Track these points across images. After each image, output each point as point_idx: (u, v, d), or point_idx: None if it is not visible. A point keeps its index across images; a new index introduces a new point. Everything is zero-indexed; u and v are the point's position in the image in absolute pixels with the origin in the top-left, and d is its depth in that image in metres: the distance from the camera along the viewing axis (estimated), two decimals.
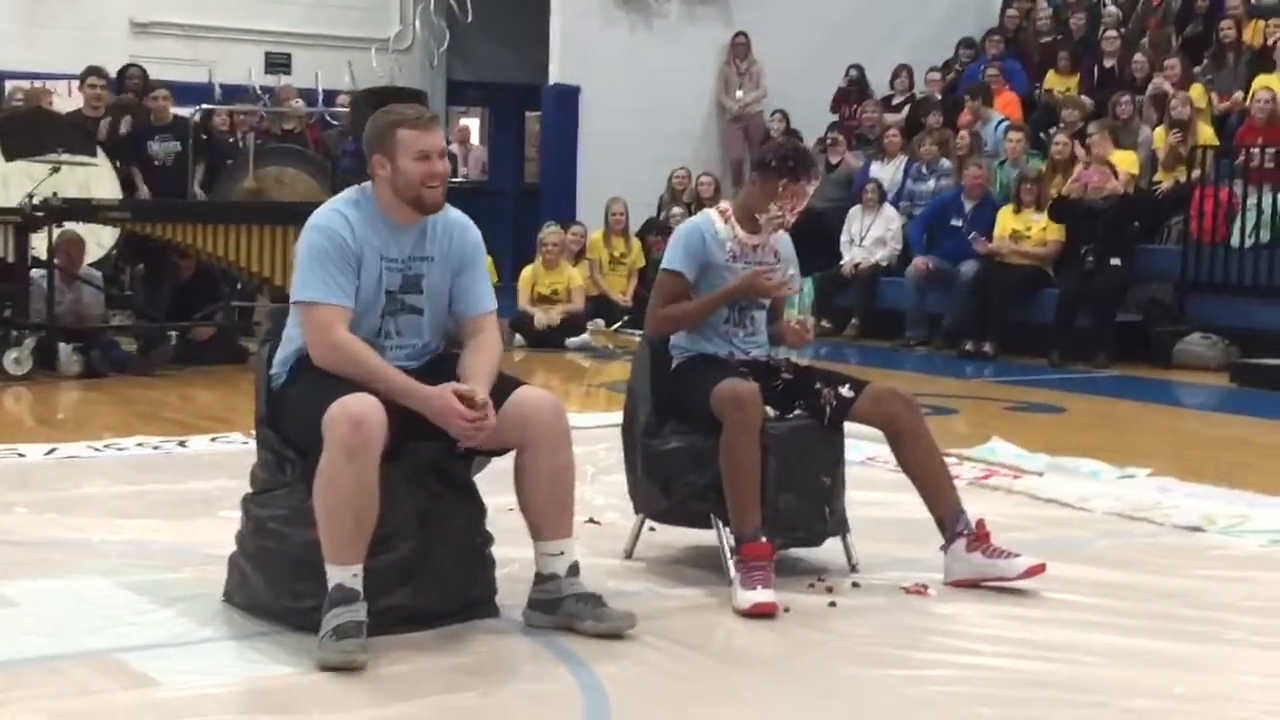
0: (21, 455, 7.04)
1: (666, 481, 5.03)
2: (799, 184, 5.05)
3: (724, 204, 5.27)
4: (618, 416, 5.43)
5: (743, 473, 4.73)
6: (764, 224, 5.09)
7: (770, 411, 4.89)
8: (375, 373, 4.17)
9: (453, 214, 4.50)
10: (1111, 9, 16.06)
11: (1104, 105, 13.91)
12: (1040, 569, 4.87)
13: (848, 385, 5.03)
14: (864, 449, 6.49)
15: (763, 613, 4.55)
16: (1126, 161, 12.71)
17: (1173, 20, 15.56)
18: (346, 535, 4.05)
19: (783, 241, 5.24)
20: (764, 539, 4.70)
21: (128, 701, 3.73)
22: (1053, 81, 15.36)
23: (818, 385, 5.05)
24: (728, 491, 4.75)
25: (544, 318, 12.65)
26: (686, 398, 4.97)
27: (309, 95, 14.49)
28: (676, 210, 14.57)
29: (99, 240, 10.88)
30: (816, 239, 13.74)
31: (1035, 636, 4.41)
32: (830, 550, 5.17)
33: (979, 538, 4.92)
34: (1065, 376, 11.19)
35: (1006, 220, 12.68)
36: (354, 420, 4.00)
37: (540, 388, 4.60)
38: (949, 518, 4.97)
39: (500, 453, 4.39)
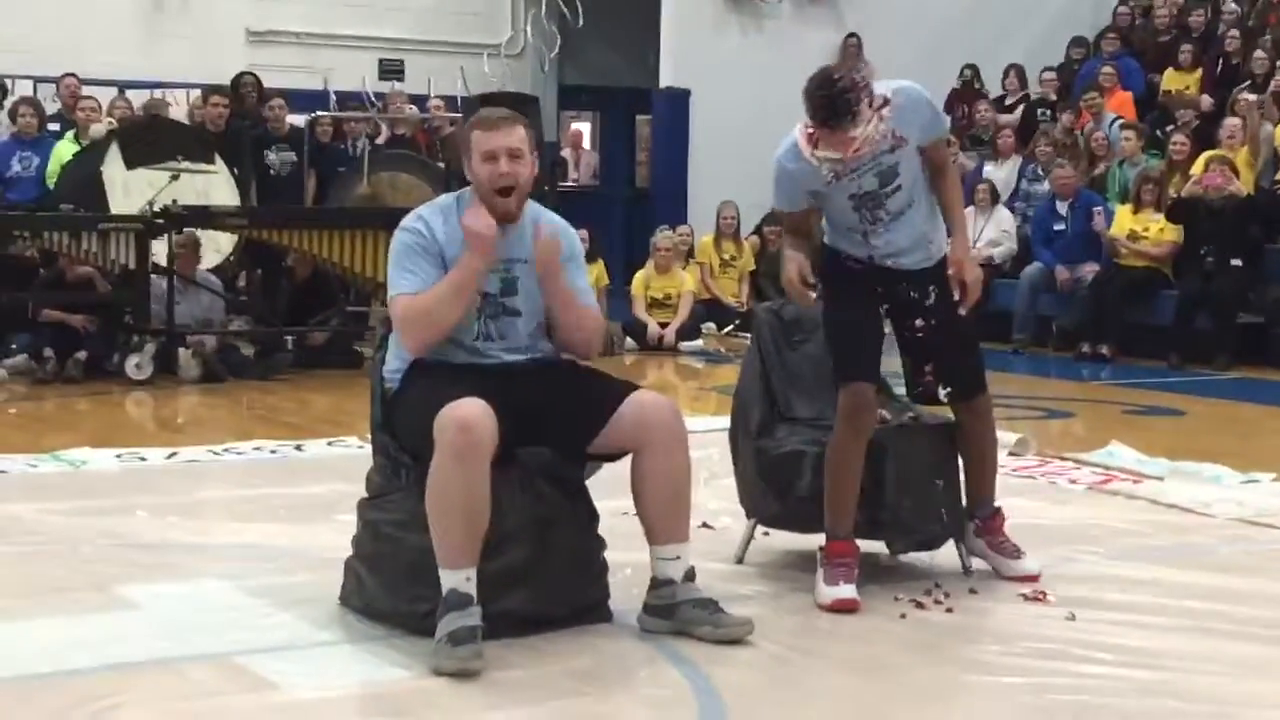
0: (143, 459, 7.15)
1: (781, 485, 5.00)
2: (835, 135, 4.49)
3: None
4: (729, 420, 5.41)
5: (845, 474, 4.74)
6: (825, 170, 4.63)
7: (885, 415, 4.83)
8: (443, 292, 4.23)
9: (550, 217, 4.54)
10: (1231, 5, 15.79)
11: (1224, 103, 13.68)
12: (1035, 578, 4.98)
13: (949, 391, 4.93)
14: None
15: (842, 608, 4.60)
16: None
17: None
18: (458, 539, 4.07)
19: (904, 113, 4.60)
20: (853, 538, 4.76)
21: (246, 704, 3.77)
22: (1171, 80, 15.13)
23: (927, 371, 4.93)
24: (828, 491, 4.77)
25: (657, 330, 12.67)
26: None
27: (421, 101, 14.60)
28: None
29: (217, 246, 11.03)
30: None
31: (1158, 645, 4.33)
32: (944, 554, 5.12)
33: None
34: (1185, 379, 11.01)
35: (1124, 220, 12.51)
36: (462, 425, 4.02)
37: (654, 391, 4.59)
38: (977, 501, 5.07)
39: (615, 457, 4.40)
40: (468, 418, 4.04)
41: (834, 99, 4.47)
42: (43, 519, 5.78)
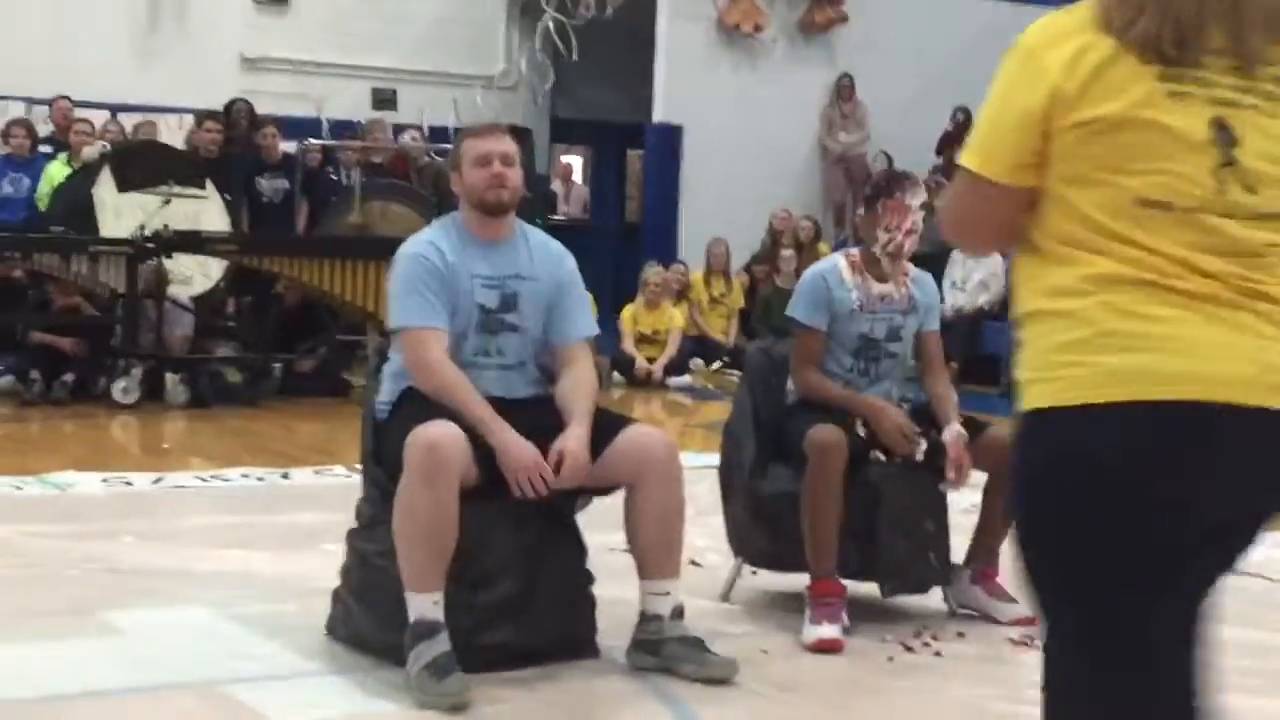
0: (129, 484, 7.13)
1: (774, 525, 5.00)
2: (895, 199, 4.95)
3: (854, 251, 5.15)
4: (716, 458, 5.40)
5: (821, 516, 4.76)
6: (881, 255, 4.99)
7: (881, 455, 4.84)
8: (464, 405, 4.20)
9: (551, 241, 4.58)
10: None
11: None
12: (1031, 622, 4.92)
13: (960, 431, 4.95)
14: (970, 496, 6.41)
15: (826, 648, 4.61)
16: None
17: None
18: (425, 562, 4.07)
19: (921, 287, 5.14)
20: (837, 578, 4.77)
21: None
22: None
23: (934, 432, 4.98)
24: (806, 531, 4.78)
25: (645, 365, 12.68)
26: (788, 439, 4.95)
27: (406, 132, 14.61)
28: (786, 253, 14.51)
29: (206, 272, 11.02)
30: None
31: None
32: (934, 598, 5.12)
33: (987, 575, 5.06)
34: None
35: None
36: (429, 446, 4.03)
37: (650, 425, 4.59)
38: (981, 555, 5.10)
39: (607, 491, 4.39)
40: (434, 438, 4.04)
41: (900, 173, 5.20)
42: (28, 542, 5.75)
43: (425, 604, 4.07)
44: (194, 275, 10.83)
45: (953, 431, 4.88)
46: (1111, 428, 2.16)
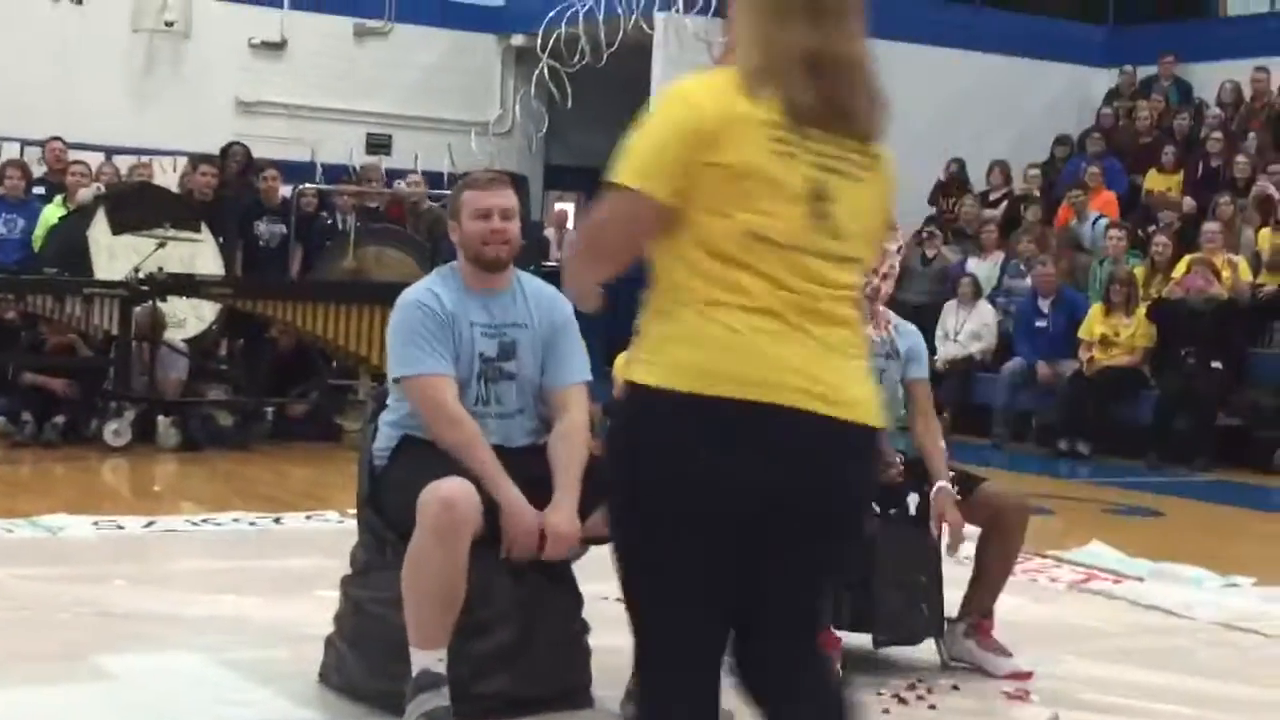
0: (121, 528, 7.10)
1: None
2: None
3: None
4: None
5: None
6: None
7: (875, 508, 4.84)
8: (479, 461, 4.17)
9: (545, 286, 4.57)
10: (1214, 109, 15.98)
11: (1206, 206, 13.79)
12: (1027, 676, 4.95)
13: (956, 489, 4.97)
14: (963, 548, 6.39)
15: None
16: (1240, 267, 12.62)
17: (1276, 122, 15.43)
18: (433, 618, 4.05)
19: (906, 338, 5.14)
20: (830, 629, 4.71)
21: None
22: (1154, 181, 15.25)
23: (925, 486, 5.00)
24: None
25: None
26: None
27: (406, 177, 14.63)
28: None
29: (199, 315, 11.02)
30: None
31: None
32: (927, 650, 5.10)
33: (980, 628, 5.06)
34: (1163, 480, 11.02)
35: (1095, 324, 12.52)
36: (445, 503, 4.01)
37: None
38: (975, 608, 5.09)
39: (604, 540, 4.37)
40: (450, 495, 4.02)
41: None
42: (18, 585, 5.72)
43: (431, 660, 4.04)
44: (187, 318, 10.83)
45: (936, 488, 4.88)
46: (674, 410, 2.61)
